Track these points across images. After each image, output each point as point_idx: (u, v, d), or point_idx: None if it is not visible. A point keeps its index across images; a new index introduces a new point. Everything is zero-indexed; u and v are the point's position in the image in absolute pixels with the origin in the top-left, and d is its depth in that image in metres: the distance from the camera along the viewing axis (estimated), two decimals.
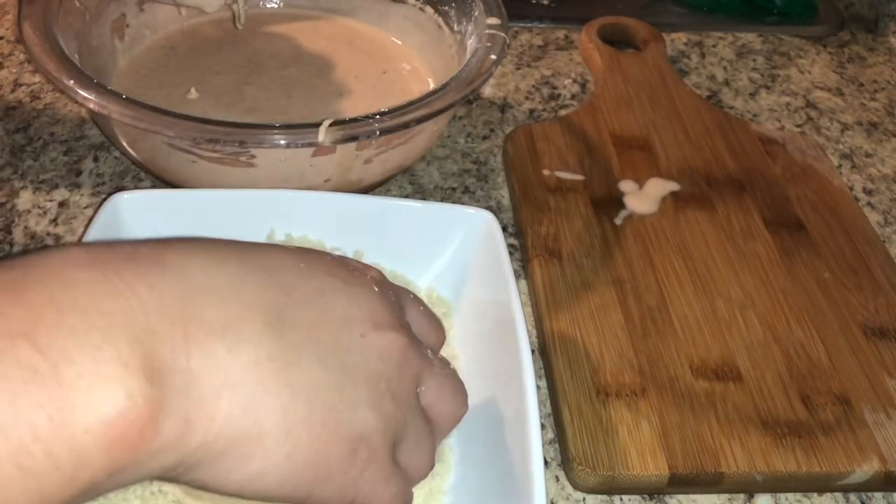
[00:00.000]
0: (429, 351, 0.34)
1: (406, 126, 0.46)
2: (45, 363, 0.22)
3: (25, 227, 0.52)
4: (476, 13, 0.56)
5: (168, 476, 0.26)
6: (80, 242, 0.44)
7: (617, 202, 0.55)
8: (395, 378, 0.30)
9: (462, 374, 0.41)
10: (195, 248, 0.28)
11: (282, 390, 0.27)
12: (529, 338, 0.39)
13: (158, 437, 0.23)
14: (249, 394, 0.26)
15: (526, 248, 0.52)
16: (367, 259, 0.44)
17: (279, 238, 0.44)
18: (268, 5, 0.66)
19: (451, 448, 0.38)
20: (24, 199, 0.53)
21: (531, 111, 0.65)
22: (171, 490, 0.35)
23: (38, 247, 0.51)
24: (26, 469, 0.21)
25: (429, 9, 0.61)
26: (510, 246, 0.53)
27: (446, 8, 0.59)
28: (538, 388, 0.41)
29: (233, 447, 0.26)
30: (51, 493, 0.22)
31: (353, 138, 0.45)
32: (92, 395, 0.22)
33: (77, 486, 0.22)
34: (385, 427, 0.30)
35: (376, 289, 0.32)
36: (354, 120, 0.45)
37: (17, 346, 0.22)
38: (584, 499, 0.42)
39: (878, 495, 0.43)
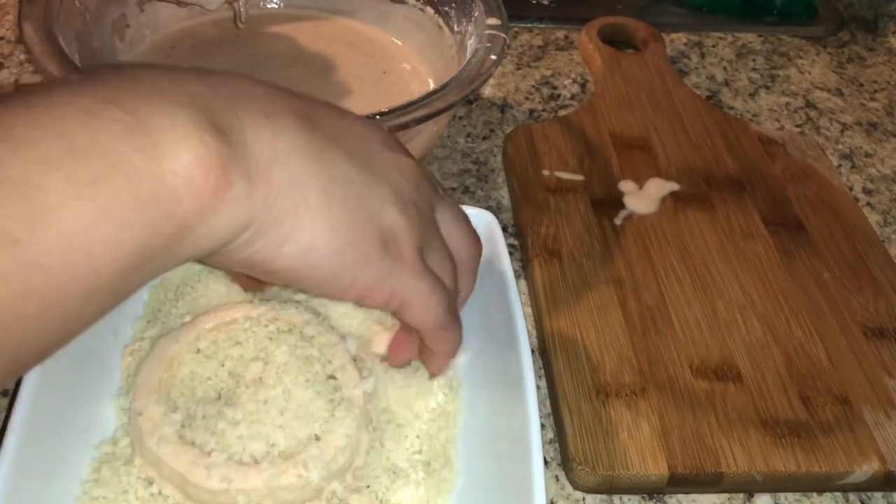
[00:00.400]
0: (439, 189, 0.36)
1: (406, 126, 0.46)
2: (134, 120, 0.25)
3: None
4: (476, 13, 0.56)
5: (236, 247, 0.28)
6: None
7: (617, 202, 0.55)
8: (414, 192, 0.33)
9: (462, 375, 0.41)
10: (231, 72, 0.32)
11: (321, 172, 0.30)
12: (529, 338, 0.39)
13: (230, 187, 0.27)
14: (295, 170, 0.29)
15: (526, 248, 0.52)
16: None
17: None
18: (268, 5, 0.66)
19: (458, 452, 0.38)
20: None
21: (531, 111, 0.65)
22: (171, 493, 0.35)
23: None
24: (138, 200, 0.25)
25: (429, 9, 0.61)
26: (510, 246, 0.53)
27: (446, 8, 0.59)
28: (538, 388, 0.41)
29: (286, 216, 0.29)
30: (157, 225, 0.25)
31: None
32: (175, 144, 0.26)
33: (175, 223, 0.26)
34: (410, 227, 0.32)
35: (385, 129, 0.36)
36: None
37: (109, 109, 0.25)
38: (583, 499, 0.42)
39: (878, 495, 0.43)
